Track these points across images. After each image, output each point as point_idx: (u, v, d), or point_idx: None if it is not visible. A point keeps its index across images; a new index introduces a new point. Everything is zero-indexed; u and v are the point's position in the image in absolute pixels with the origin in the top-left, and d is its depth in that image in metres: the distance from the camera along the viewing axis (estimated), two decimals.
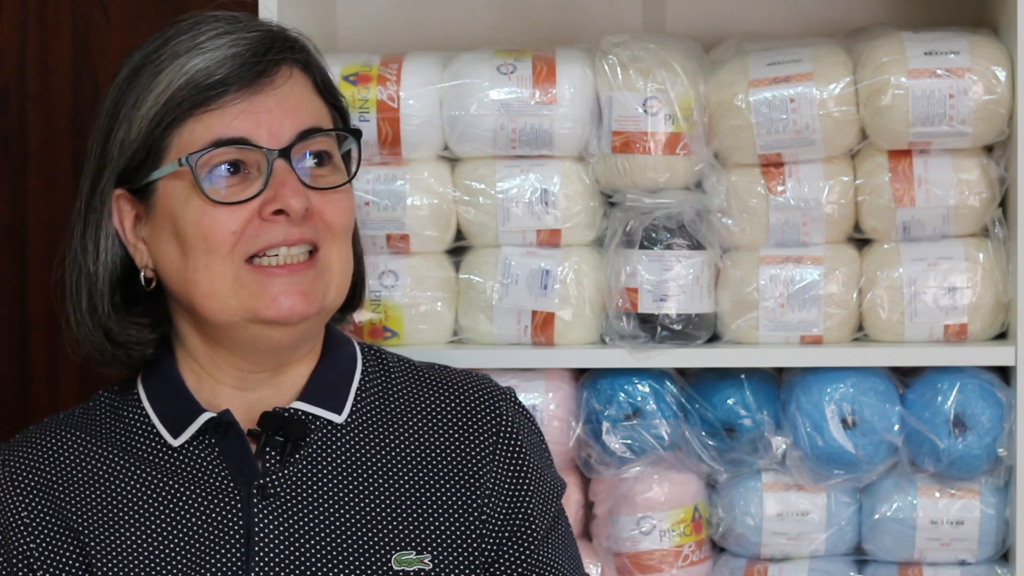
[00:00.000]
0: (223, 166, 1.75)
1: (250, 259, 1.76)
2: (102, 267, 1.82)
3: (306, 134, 1.77)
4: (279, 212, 1.75)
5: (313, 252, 1.78)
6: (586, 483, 2.37)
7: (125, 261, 1.83)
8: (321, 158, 1.80)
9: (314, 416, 1.83)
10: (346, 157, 1.87)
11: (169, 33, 1.80)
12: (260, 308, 1.75)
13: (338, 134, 1.84)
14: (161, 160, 1.77)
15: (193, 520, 1.78)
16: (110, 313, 1.82)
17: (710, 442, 2.30)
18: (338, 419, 1.84)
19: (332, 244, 1.79)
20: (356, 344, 1.91)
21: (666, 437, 2.30)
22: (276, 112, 1.76)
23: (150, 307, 1.85)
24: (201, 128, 1.75)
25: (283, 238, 1.75)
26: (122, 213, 1.81)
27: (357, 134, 1.84)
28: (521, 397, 2.28)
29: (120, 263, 1.83)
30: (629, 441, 2.30)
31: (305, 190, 1.76)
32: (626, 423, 2.29)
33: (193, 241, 1.75)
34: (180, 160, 1.75)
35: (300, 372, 1.85)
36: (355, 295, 1.92)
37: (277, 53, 1.78)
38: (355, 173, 1.83)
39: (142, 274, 1.82)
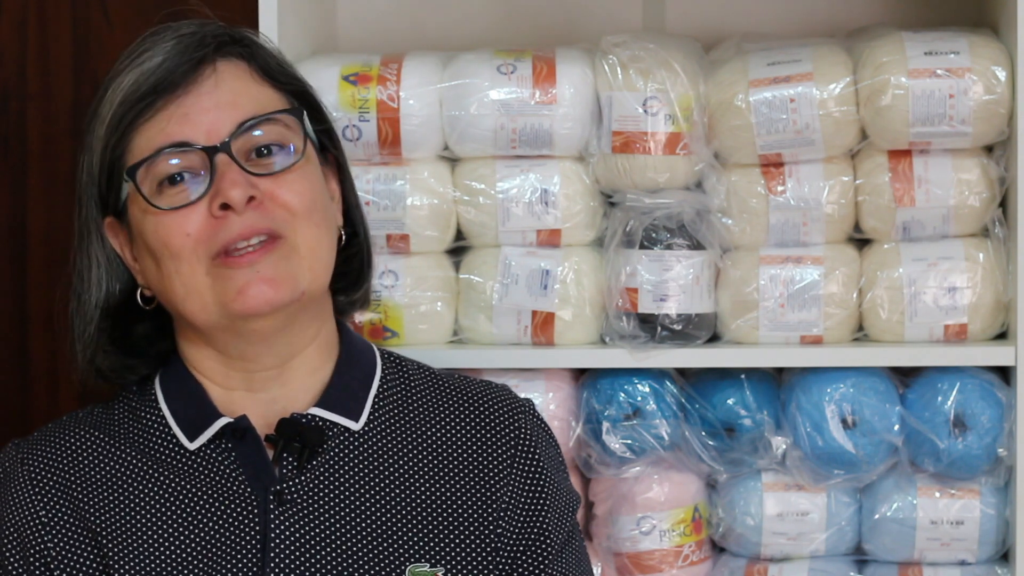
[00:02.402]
0: (168, 178, 1.75)
1: (216, 256, 1.75)
2: (93, 294, 1.83)
3: (244, 124, 1.76)
4: (225, 207, 1.74)
5: (275, 238, 1.76)
6: (586, 483, 2.37)
7: (128, 285, 1.84)
8: (270, 149, 1.78)
9: (331, 423, 1.82)
10: (327, 135, 1.87)
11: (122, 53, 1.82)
12: (229, 303, 1.75)
13: (297, 114, 1.81)
14: (121, 180, 1.78)
15: (209, 524, 1.78)
16: (93, 338, 1.83)
17: (710, 442, 2.30)
18: (355, 426, 1.83)
19: (295, 226, 1.76)
20: (376, 350, 1.91)
21: (666, 437, 2.30)
22: (211, 109, 1.76)
23: (158, 326, 1.86)
24: (143, 140, 1.76)
25: (238, 233, 1.74)
26: (119, 239, 1.83)
27: (298, 112, 1.81)
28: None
29: (120, 288, 1.84)
30: (629, 441, 2.30)
31: (248, 179, 1.74)
32: (626, 423, 2.29)
33: (159, 250, 1.76)
34: (124, 176, 1.77)
35: (313, 374, 1.85)
36: (361, 274, 1.91)
37: (198, 50, 1.77)
38: (304, 151, 1.79)
39: (139, 292, 1.83)
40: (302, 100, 1.85)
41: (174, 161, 1.75)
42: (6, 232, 2.76)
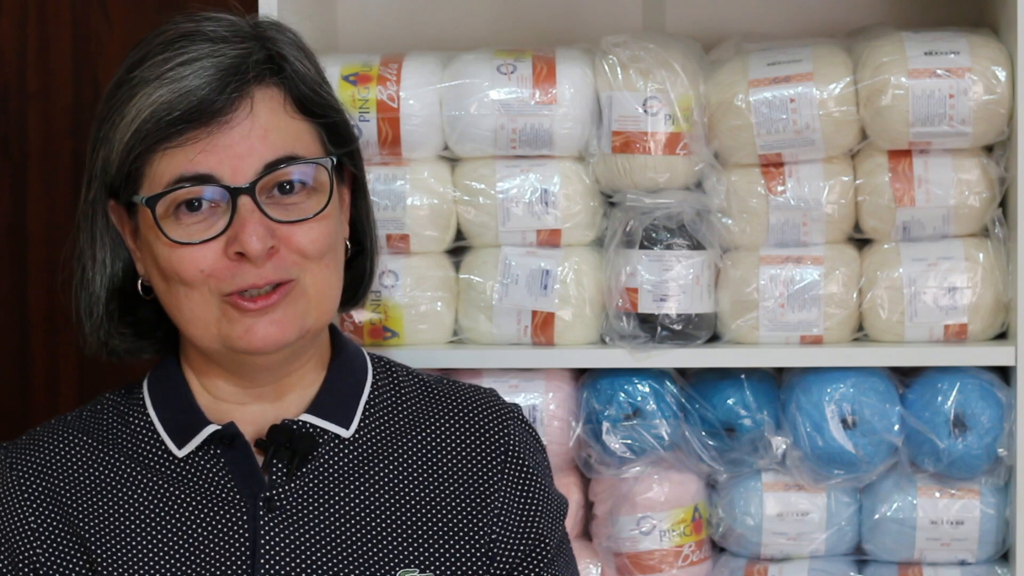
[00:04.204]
0: (187, 202, 1.72)
1: (228, 295, 1.74)
2: (99, 274, 1.82)
3: (272, 167, 1.73)
4: (242, 253, 1.72)
5: (286, 283, 1.74)
6: (586, 483, 2.37)
7: (129, 265, 1.83)
8: (292, 185, 1.74)
9: (322, 430, 1.81)
10: (350, 157, 1.84)
11: (150, 46, 1.75)
12: (234, 339, 1.74)
13: (327, 163, 1.77)
14: (136, 186, 1.75)
15: (198, 531, 1.77)
16: (103, 320, 1.82)
17: (710, 442, 2.30)
18: (346, 433, 1.82)
19: (306, 268, 1.75)
20: (367, 356, 1.90)
21: (666, 437, 2.30)
22: (241, 146, 1.72)
23: (159, 309, 1.84)
24: (166, 163, 1.72)
25: (251, 283, 1.72)
26: (122, 222, 1.81)
27: (327, 161, 1.78)
28: (521, 397, 2.29)
29: (123, 269, 1.83)
30: (629, 441, 2.30)
31: (269, 227, 1.72)
32: (626, 423, 2.29)
33: (169, 273, 1.75)
34: (142, 200, 1.73)
35: (307, 384, 1.84)
36: (361, 289, 1.91)
37: (239, 85, 1.72)
38: (328, 201, 1.76)
39: (139, 282, 1.82)
40: (331, 129, 1.81)
41: (197, 194, 1.72)
42: (6, 232, 2.76)
